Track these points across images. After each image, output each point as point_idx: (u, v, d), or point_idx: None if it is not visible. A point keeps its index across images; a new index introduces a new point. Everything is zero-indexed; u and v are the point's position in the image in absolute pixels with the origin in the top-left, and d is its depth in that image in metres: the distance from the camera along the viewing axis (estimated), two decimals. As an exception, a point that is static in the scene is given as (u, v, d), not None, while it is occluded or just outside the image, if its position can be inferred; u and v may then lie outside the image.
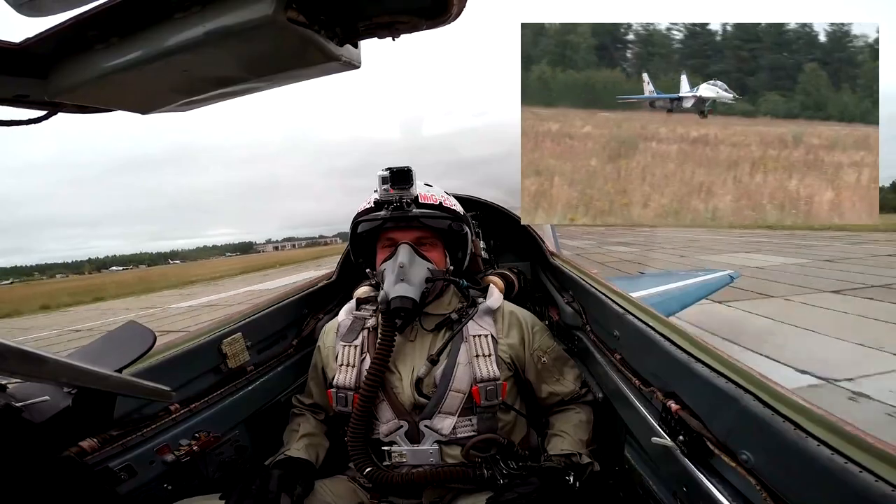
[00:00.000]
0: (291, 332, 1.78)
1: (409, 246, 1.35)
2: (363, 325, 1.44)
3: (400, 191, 1.32)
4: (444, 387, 1.29)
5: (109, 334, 1.08)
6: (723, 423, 0.81)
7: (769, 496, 0.69)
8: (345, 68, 0.64)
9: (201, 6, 0.53)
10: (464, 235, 1.48)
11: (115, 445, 1.06)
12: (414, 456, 1.29)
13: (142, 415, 1.15)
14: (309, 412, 1.52)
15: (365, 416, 1.29)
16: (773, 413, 0.69)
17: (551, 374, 1.43)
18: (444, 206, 1.43)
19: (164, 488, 1.17)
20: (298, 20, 0.52)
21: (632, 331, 1.16)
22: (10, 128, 0.68)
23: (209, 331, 1.42)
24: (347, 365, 1.37)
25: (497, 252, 2.23)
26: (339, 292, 2.00)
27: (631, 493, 1.21)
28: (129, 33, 0.57)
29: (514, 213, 2.21)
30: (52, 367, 0.68)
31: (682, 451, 0.88)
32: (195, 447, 1.22)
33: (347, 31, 0.58)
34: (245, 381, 1.49)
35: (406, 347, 1.38)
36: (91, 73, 0.61)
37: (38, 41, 0.58)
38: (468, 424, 1.29)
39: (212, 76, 0.65)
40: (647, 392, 1.06)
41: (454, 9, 0.54)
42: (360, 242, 1.51)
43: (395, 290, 1.26)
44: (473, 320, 1.38)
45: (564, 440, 1.33)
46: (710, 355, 0.88)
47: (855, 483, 0.55)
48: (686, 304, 4.89)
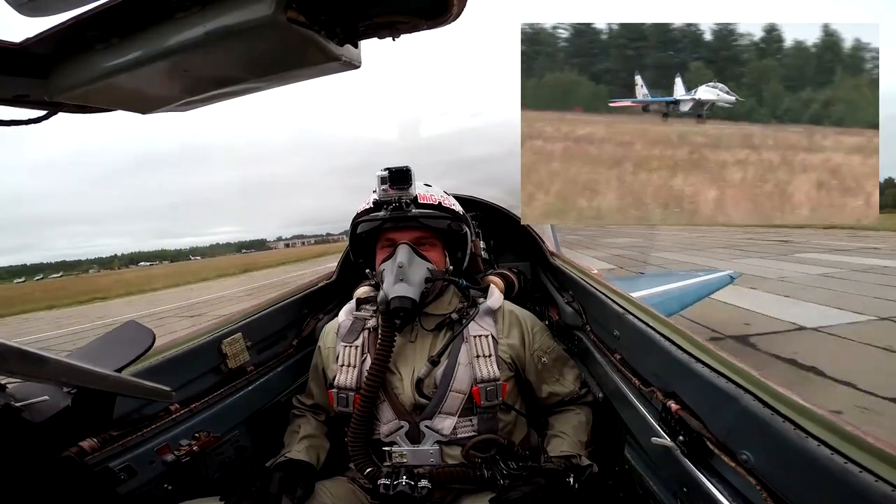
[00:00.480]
0: (291, 332, 1.78)
1: (408, 246, 1.35)
2: (363, 326, 1.44)
3: (399, 191, 1.32)
4: (445, 387, 1.29)
5: (109, 334, 1.08)
6: (723, 423, 0.81)
7: (769, 496, 0.69)
8: (345, 68, 0.64)
9: (201, 6, 0.53)
10: (463, 235, 1.48)
11: (115, 445, 1.06)
12: (414, 456, 1.29)
13: (142, 415, 1.15)
14: (310, 413, 1.52)
15: (366, 416, 1.29)
16: (773, 413, 0.69)
17: (551, 375, 1.43)
18: (443, 205, 1.43)
19: (164, 488, 1.17)
20: (298, 20, 0.52)
21: (632, 331, 1.16)
22: (16, 127, 0.68)
23: (209, 331, 1.42)
24: (348, 365, 1.37)
25: (497, 252, 2.24)
26: (338, 292, 2.00)
27: (631, 494, 1.21)
28: (129, 33, 0.57)
29: (514, 213, 2.21)
30: (52, 367, 0.68)
31: (682, 451, 0.88)
32: (195, 447, 1.22)
33: (347, 31, 0.58)
34: (245, 381, 1.49)
35: (406, 348, 1.38)
36: (91, 73, 0.61)
37: (38, 41, 0.58)
38: (468, 425, 1.29)
39: (212, 76, 0.65)
40: (647, 392, 1.06)
41: (454, 9, 0.54)
42: (360, 243, 1.51)
43: (394, 290, 1.26)
44: (474, 321, 1.38)
45: (564, 441, 1.33)
46: (710, 355, 0.88)
47: (855, 483, 0.55)
48: (686, 304, 4.89)
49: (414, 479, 1.21)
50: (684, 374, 0.91)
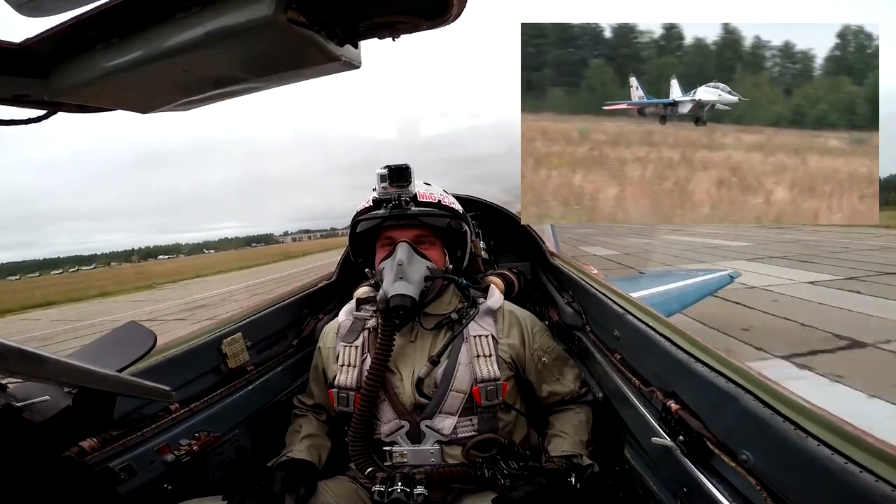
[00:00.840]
0: (291, 332, 1.78)
1: (407, 244, 1.35)
2: (363, 326, 1.44)
3: (399, 189, 1.32)
4: (445, 387, 1.29)
5: (109, 335, 1.08)
6: (723, 423, 0.81)
7: (769, 496, 0.69)
8: (345, 68, 0.63)
9: (201, 6, 0.53)
10: (463, 234, 1.48)
11: (115, 445, 1.06)
12: (415, 456, 1.29)
13: (142, 415, 1.15)
14: (311, 413, 1.52)
15: (366, 416, 1.29)
16: (773, 413, 0.69)
17: (551, 374, 1.43)
18: (442, 204, 1.43)
19: (164, 488, 1.17)
20: (298, 20, 0.52)
21: (632, 331, 1.16)
22: (18, 127, 0.68)
23: (209, 331, 1.42)
24: (348, 365, 1.37)
25: (497, 252, 2.23)
26: (338, 292, 2.00)
27: (631, 493, 1.21)
28: (129, 33, 0.57)
29: (513, 214, 2.21)
30: (53, 367, 0.68)
31: (682, 451, 0.88)
32: (195, 447, 1.22)
33: (347, 32, 0.58)
34: (245, 381, 1.49)
35: (407, 348, 1.38)
36: (91, 73, 0.61)
37: (38, 41, 0.58)
38: (469, 424, 1.29)
39: (212, 76, 0.65)
40: (647, 392, 1.06)
41: (454, 9, 0.54)
42: (360, 242, 1.51)
43: (394, 289, 1.26)
44: (474, 321, 1.38)
45: (565, 441, 1.33)
46: (710, 355, 0.88)
47: (855, 483, 0.55)
48: (686, 304, 4.90)
49: (410, 485, 1.20)
50: (684, 374, 0.91)
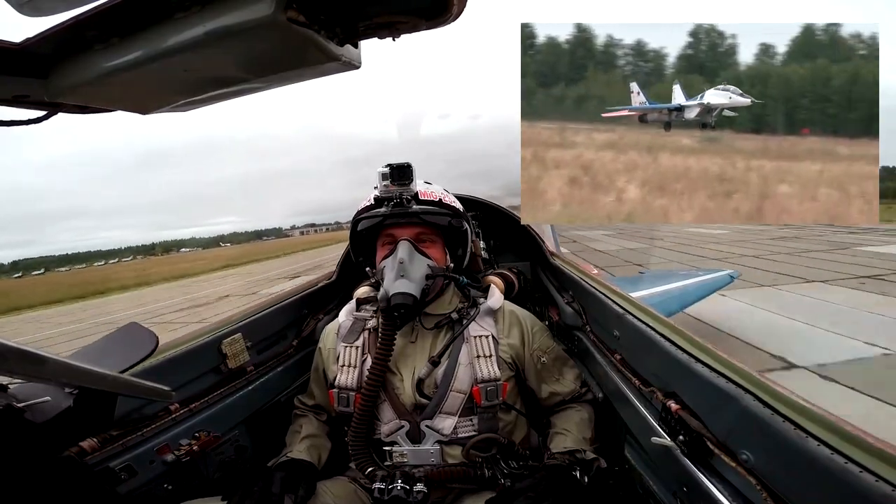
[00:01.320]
0: (291, 333, 1.78)
1: (408, 242, 1.34)
2: (364, 326, 1.44)
3: (400, 187, 1.32)
4: (445, 387, 1.29)
5: (111, 335, 1.08)
6: (723, 423, 0.81)
7: (769, 496, 0.69)
8: (345, 68, 0.63)
9: (201, 6, 0.53)
10: (464, 232, 1.48)
11: (116, 445, 1.06)
12: (415, 456, 1.29)
13: (142, 415, 1.15)
14: (311, 413, 1.52)
15: (367, 416, 1.29)
16: (773, 413, 0.69)
17: (551, 374, 1.43)
18: (443, 202, 1.43)
19: (164, 488, 1.17)
20: (298, 20, 0.52)
21: (632, 331, 1.16)
22: (19, 127, 0.68)
23: (209, 331, 1.42)
24: (349, 366, 1.37)
25: (497, 252, 2.23)
26: (338, 292, 2.00)
27: (631, 493, 1.21)
28: (129, 33, 0.57)
29: (514, 213, 2.21)
30: (53, 368, 0.68)
31: (682, 451, 0.88)
32: (195, 447, 1.22)
33: (347, 31, 0.58)
34: (245, 381, 1.48)
35: (407, 348, 1.38)
36: (91, 73, 0.61)
37: (38, 41, 0.58)
38: (469, 424, 1.29)
39: (212, 76, 0.65)
40: (647, 392, 1.06)
41: (454, 9, 0.54)
42: (361, 241, 1.51)
43: (395, 287, 1.26)
44: (475, 321, 1.38)
45: (567, 437, 1.33)
46: (710, 355, 0.88)
47: (855, 483, 0.55)
48: (686, 304, 4.88)
49: (410, 483, 1.20)
50: (684, 374, 0.91)
